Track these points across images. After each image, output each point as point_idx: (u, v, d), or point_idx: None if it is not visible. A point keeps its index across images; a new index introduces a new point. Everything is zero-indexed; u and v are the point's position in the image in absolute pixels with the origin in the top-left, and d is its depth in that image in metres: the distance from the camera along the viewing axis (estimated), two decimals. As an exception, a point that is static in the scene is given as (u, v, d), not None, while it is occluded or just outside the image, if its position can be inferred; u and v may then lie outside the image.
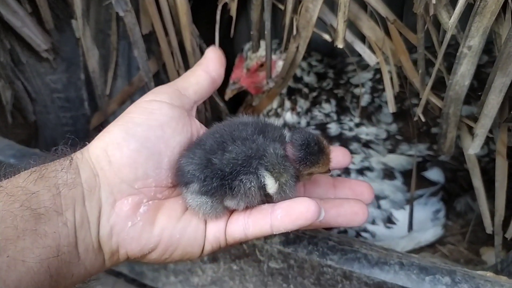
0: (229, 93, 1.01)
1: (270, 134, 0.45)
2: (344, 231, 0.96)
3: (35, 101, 1.21)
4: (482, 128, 0.64)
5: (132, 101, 1.11)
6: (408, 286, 0.59)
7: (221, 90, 1.03)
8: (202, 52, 0.92)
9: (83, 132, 1.24)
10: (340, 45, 0.71)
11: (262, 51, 0.94)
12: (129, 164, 0.42)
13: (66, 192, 0.40)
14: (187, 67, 0.93)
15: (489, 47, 0.89)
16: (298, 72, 1.01)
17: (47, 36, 1.04)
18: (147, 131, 0.43)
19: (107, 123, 1.15)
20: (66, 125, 1.23)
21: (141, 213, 0.43)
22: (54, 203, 0.39)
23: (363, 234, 0.97)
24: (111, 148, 0.42)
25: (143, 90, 1.03)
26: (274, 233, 0.43)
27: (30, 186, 0.39)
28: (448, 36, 0.58)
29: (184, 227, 0.44)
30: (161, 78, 1.05)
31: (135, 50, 0.85)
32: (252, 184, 0.42)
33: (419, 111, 0.70)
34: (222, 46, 1.24)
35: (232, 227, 0.44)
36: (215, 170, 0.41)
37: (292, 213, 0.41)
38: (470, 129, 0.72)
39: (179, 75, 0.94)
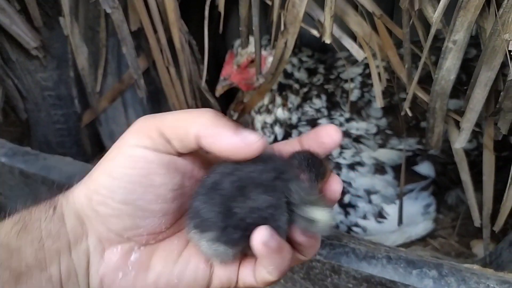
0: (219, 90, 1.01)
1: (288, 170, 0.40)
2: (336, 226, 0.97)
3: (26, 99, 1.21)
4: (468, 122, 0.64)
5: (123, 99, 1.13)
6: (395, 279, 0.60)
7: (212, 86, 1.03)
8: (191, 49, 0.92)
9: (74, 130, 1.24)
10: (327, 40, 0.71)
11: (252, 47, 0.94)
12: (116, 215, 0.38)
13: (50, 244, 0.37)
14: (176, 63, 0.93)
15: (478, 41, 0.90)
16: (289, 68, 1.01)
17: (36, 33, 1.04)
18: (133, 182, 0.37)
19: (98, 121, 1.16)
20: (58, 122, 1.23)
21: (132, 261, 0.39)
22: (36, 258, 0.36)
23: (355, 228, 0.98)
24: (96, 198, 0.38)
25: (133, 87, 1.03)
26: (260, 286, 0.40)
27: (12, 241, 0.36)
28: (433, 31, 0.59)
29: (182, 270, 0.40)
30: (151, 75, 1.05)
31: (123, 47, 0.85)
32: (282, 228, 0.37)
33: (406, 105, 0.71)
34: (213, 42, 1.24)
35: (218, 271, 0.40)
36: (236, 220, 0.36)
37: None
38: (457, 123, 0.72)
39: (169, 72, 0.94)
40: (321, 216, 0.36)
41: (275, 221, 0.36)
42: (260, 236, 0.34)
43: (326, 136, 0.41)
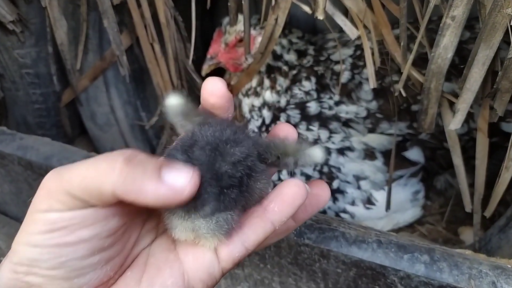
0: (206, 69, 0.97)
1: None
2: (323, 212, 0.95)
3: (2, 77, 1.15)
4: (464, 103, 0.62)
5: (105, 77, 1.08)
6: (386, 264, 0.58)
7: (199, 66, 0.99)
8: (177, 25, 0.87)
9: (54, 110, 1.19)
10: (320, 16, 0.68)
11: (241, 26, 0.90)
12: (50, 282, 0.33)
13: None
14: (161, 40, 0.88)
15: (471, 23, 0.88)
16: (278, 50, 0.98)
17: (12, 6, 0.98)
18: (57, 245, 0.33)
19: (79, 101, 1.11)
20: (36, 102, 1.18)
21: None
22: None
23: (342, 215, 0.96)
24: (21, 269, 0.33)
25: (116, 65, 0.99)
26: (277, 227, 0.37)
27: None
28: (431, 5, 0.56)
29: None
30: (134, 53, 1.00)
31: (104, 20, 0.80)
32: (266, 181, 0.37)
33: (400, 86, 0.68)
34: (200, 21, 1.20)
35: (226, 249, 0.36)
36: (227, 179, 0.34)
37: (287, 198, 0.36)
38: (451, 106, 0.70)
39: (153, 48, 0.90)
40: (319, 153, 0.37)
41: (259, 169, 0.36)
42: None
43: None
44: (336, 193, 0.94)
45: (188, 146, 0.35)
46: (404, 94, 0.69)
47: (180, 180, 0.31)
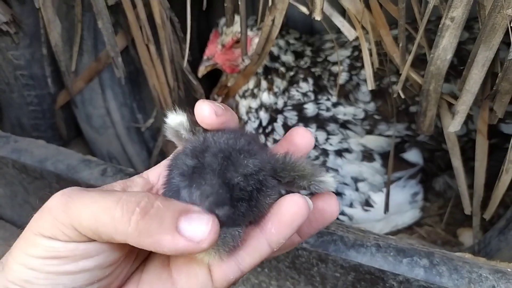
0: (202, 70, 0.96)
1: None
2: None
3: (-4, 78, 1.14)
4: (464, 105, 0.61)
5: (100, 79, 1.07)
6: (384, 268, 0.57)
7: (195, 68, 0.98)
8: (172, 25, 0.86)
9: (49, 112, 1.18)
10: (317, 17, 0.67)
11: (237, 26, 0.89)
12: None
13: None
14: (157, 41, 0.87)
15: (470, 24, 0.87)
16: (275, 51, 0.97)
17: (6, 7, 0.97)
18: (55, 273, 0.31)
19: (74, 103, 1.10)
20: (31, 104, 1.16)
21: None
22: None
23: (341, 217, 0.95)
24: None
25: (111, 67, 0.98)
26: (275, 249, 0.35)
27: None
28: (430, 6, 0.55)
29: None
30: (130, 54, 0.99)
31: (99, 21, 0.79)
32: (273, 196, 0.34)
33: (399, 87, 0.68)
34: (197, 22, 1.19)
35: (220, 270, 0.34)
36: (238, 191, 0.32)
37: (285, 218, 0.34)
38: (450, 107, 0.70)
39: (148, 49, 0.89)
40: (327, 182, 0.35)
41: (269, 184, 0.34)
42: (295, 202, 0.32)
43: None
44: (334, 195, 0.94)
45: (199, 151, 0.33)
46: (402, 96, 0.68)
47: (199, 231, 0.29)
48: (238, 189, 0.32)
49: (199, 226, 0.29)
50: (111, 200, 0.30)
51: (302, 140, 0.38)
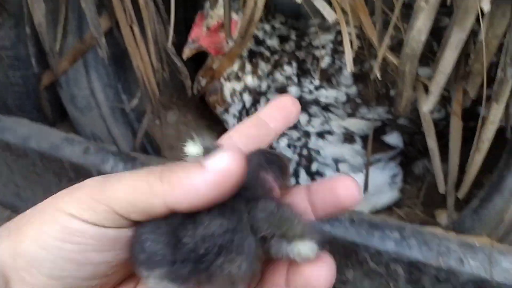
0: (187, 52, 0.97)
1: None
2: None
3: (-20, 59, 1.13)
4: (437, 85, 0.63)
5: (85, 60, 1.07)
6: (357, 241, 0.59)
7: (180, 50, 0.99)
8: (156, 6, 0.87)
9: (34, 93, 1.17)
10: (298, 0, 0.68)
11: (221, 9, 0.90)
12: (44, 287, 0.32)
13: None
14: (140, 22, 0.88)
15: (452, 9, 0.89)
16: (261, 35, 0.98)
17: (-11, -14, 0.97)
18: (64, 258, 0.31)
19: (58, 83, 1.10)
20: (16, 85, 1.16)
21: None
22: None
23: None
24: (20, 262, 0.32)
25: (96, 48, 0.98)
26: None
27: None
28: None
29: None
30: (115, 36, 0.99)
31: (82, 2, 0.79)
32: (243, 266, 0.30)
33: (375, 69, 0.69)
34: (184, 2, 1.19)
35: None
36: (186, 253, 0.30)
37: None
38: (427, 90, 0.72)
39: (132, 30, 0.89)
40: (305, 250, 0.30)
41: (236, 248, 0.30)
42: None
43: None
44: (315, 175, 0.96)
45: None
46: (380, 78, 0.70)
47: (223, 161, 0.28)
48: (186, 250, 0.30)
49: (222, 157, 0.29)
50: (135, 174, 0.31)
51: (346, 192, 0.33)
